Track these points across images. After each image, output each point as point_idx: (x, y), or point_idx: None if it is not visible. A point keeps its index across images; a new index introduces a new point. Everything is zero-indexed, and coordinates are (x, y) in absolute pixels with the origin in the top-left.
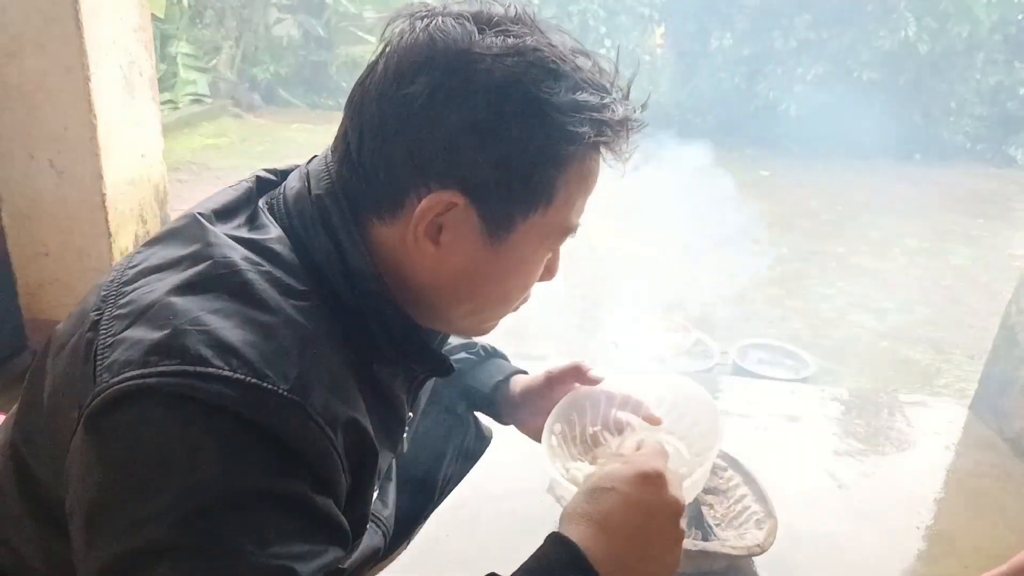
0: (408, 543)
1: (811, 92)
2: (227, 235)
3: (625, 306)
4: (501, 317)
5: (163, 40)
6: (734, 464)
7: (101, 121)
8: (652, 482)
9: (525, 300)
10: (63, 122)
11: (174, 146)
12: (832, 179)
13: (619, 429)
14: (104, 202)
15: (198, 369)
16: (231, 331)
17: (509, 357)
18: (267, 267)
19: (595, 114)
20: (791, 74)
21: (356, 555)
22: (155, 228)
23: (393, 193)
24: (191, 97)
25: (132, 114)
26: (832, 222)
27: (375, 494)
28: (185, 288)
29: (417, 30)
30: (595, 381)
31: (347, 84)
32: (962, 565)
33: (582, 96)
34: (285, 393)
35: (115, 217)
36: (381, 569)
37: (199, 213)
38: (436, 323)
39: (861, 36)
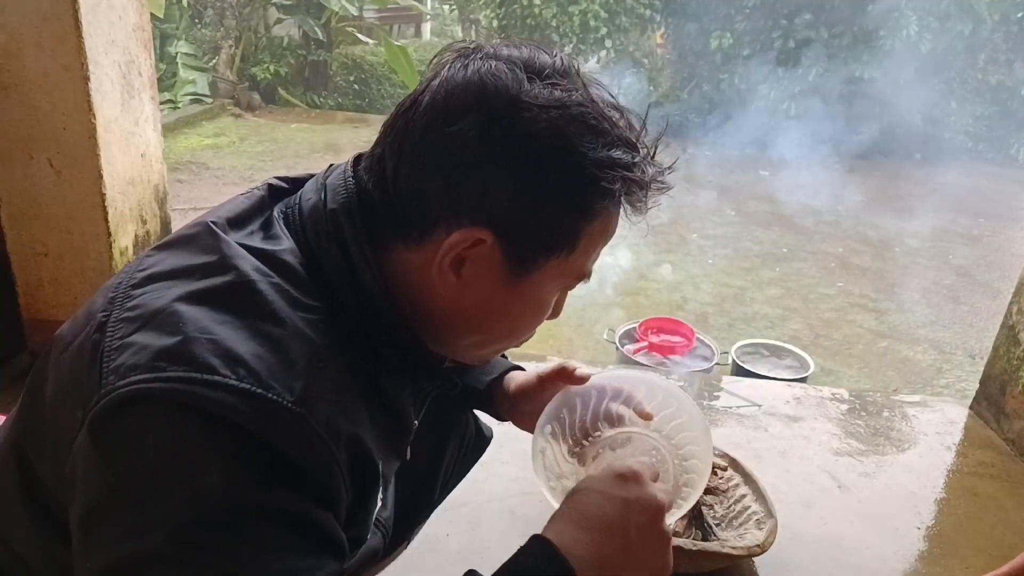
0: (408, 543)
1: (811, 92)
2: (239, 243)
3: (625, 306)
4: (503, 350)
5: (163, 40)
6: (734, 464)
7: (100, 121)
8: (627, 480)
9: (529, 337)
10: (62, 122)
11: (174, 146)
12: (832, 179)
13: (612, 421)
14: (103, 202)
15: (205, 377)
16: (240, 342)
17: (508, 357)
18: (277, 279)
19: (626, 172)
20: (790, 74)
21: (355, 558)
22: (155, 228)
23: (423, 222)
24: (191, 97)
25: (131, 114)
26: (832, 222)
27: (377, 507)
28: (196, 297)
29: (469, 69)
30: (582, 380)
31: (346, 84)
32: (962, 565)
33: (616, 153)
34: (290, 405)
35: (114, 217)
36: (381, 569)
37: (212, 222)
38: (441, 348)
39: (861, 36)
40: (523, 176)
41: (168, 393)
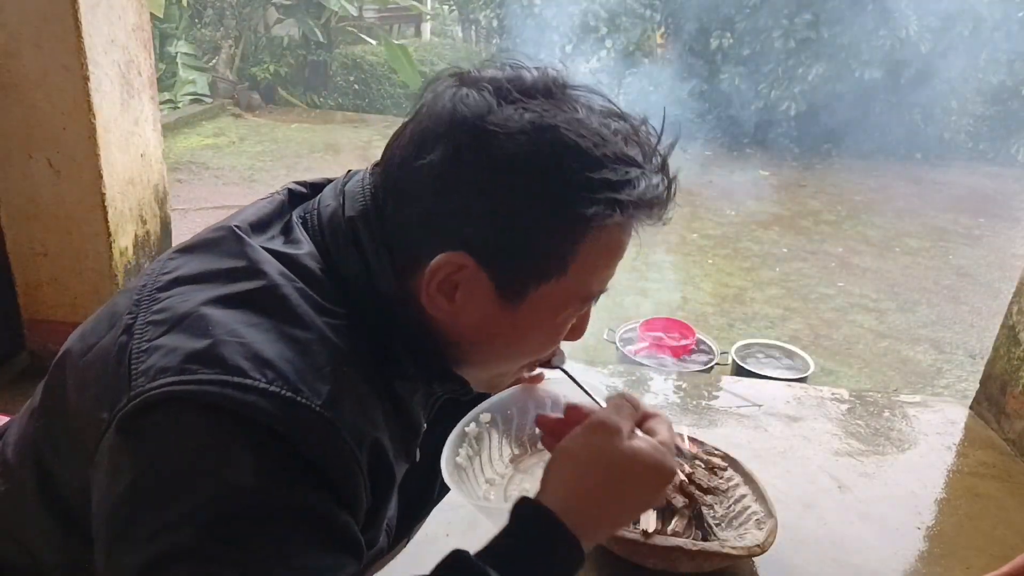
0: (408, 542)
1: (811, 92)
2: (263, 247)
3: (625, 306)
4: (516, 374)
5: (162, 40)
6: (734, 464)
7: (100, 121)
8: (599, 428)
9: (552, 355)
10: (62, 122)
11: (174, 146)
12: (832, 179)
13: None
14: (103, 202)
15: (236, 379)
16: (268, 345)
17: None
18: (301, 284)
19: (611, 193)
20: (791, 74)
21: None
22: (155, 228)
23: (410, 251)
24: (190, 97)
25: (131, 114)
26: (832, 222)
27: (389, 512)
28: (223, 301)
29: (445, 98)
30: (538, 380)
31: (346, 84)
32: (963, 565)
33: (600, 174)
34: (318, 408)
35: (114, 217)
36: (381, 568)
37: (236, 226)
38: (462, 372)
39: (861, 35)
40: (494, 202)
41: (199, 395)
